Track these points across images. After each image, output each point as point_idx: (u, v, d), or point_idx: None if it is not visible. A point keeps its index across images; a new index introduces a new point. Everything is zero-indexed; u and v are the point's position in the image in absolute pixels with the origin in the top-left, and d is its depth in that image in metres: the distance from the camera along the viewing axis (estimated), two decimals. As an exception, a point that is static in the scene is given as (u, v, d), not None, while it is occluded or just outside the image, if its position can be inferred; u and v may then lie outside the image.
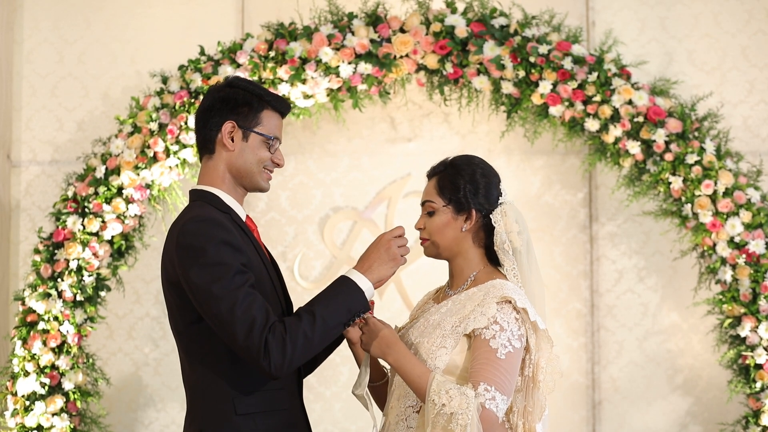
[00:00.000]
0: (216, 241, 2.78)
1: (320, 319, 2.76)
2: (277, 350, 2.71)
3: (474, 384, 2.74)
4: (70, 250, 4.83)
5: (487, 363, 2.76)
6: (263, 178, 2.98)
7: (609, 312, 5.33)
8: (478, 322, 2.81)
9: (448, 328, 2.85)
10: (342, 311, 2.81)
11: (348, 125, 5.32)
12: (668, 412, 5.28)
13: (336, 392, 5.34)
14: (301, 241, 5.40)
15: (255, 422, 2.85)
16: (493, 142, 5.37)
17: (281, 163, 3.00)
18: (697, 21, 5.39)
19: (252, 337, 2.71)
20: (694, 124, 4.89)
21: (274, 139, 2.96)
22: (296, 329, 2.73)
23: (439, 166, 3.04)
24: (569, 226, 5.38)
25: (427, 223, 3.01)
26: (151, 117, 4.92)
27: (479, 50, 4.88)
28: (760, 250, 4.75)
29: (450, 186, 2.98)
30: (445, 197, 2.98)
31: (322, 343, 2.79)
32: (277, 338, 2.71)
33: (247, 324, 2.71)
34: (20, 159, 5.44)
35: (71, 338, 4.84)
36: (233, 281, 2.74)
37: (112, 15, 5.48)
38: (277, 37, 4.98)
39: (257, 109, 2.95)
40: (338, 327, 2.81)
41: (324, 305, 2.79)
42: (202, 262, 2.77)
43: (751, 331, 4.77)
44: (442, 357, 2.82)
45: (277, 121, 2.98)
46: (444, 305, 2.93)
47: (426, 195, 3.02)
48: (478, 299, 2.86)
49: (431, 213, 3.01)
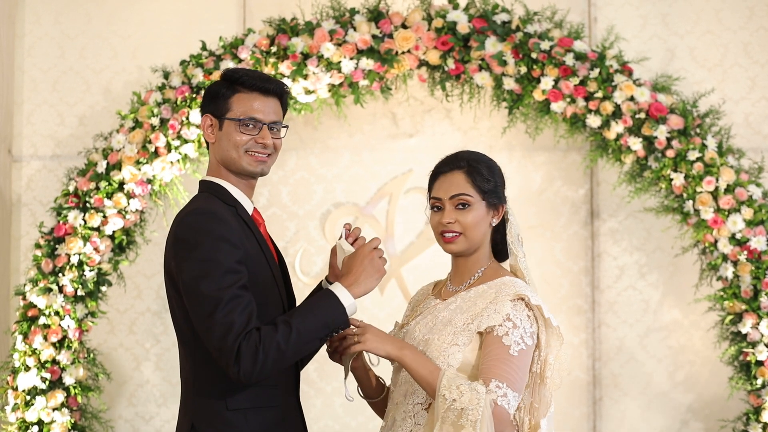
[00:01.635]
0: (212, 236, 2.77)
1: (296, 332, 2.72)
2: (248, 358, 2.69)
3: (486, 380, 2.74)
4: (71, 244, 4.83)
5: (499, 360, 2.77)
6: (248, 162, 2.93)
7: (610, 308, 5.33)
8: (492, 320, 2.81)
9: (460, 325, 2.85)
10: (319, 326, 2.77)
11: (349, 121, 5.32)
12: (669, 409, 5.28)
13: (336, 387, 5.34)
14: (303, 236, 5.40)
15: (246, 418, 2.83)
16: (495, 138, 5.36)
17: (267, 143, 2.93)
18: (699, 17, 5.39)
19: (226, 341, 2.69)
20: (696, 121, 4.89)
21: (249, 121, 2.91)
22: (270, 340, 2.70)
23: (458, 161, 2.98)
24: (570, 222, 5.38)
25: (460, 217, 2.92)
26: (152, 112, 4.92)
27: (481, 46, 4.88)
28: (761, 246, 4.75)
29: (484, 180, 2.94)
30: (480, 191, 2.93)
31: (296, 356, 2.77)
32: (251, 346, 2.69)
33: (225, 327, 2.70)
34: (21, 154, 5.44)
35: (72, 333, 4.84)
36: (222, 280, 2.73)
37: (114, 10, 5.48)
38: (278, 32, 4.98)
39: (226, 95, 2.93)
40: (314, 342, 2.78)
41: (302, 318, 2.76)
42: (195, 256, 2.76)
43: (752, 328, 4.77)
44: (455, 355, 2.82)
45: (252, 102, 2.92)
46: (452, 302, 2.92)
47: (457, 188, 2.93)
48: (489, 297, 2.86)
49: (464, 206, 2.92)
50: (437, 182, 2.98)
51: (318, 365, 5.34)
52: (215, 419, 2.83)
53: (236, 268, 2.76)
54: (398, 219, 5.38)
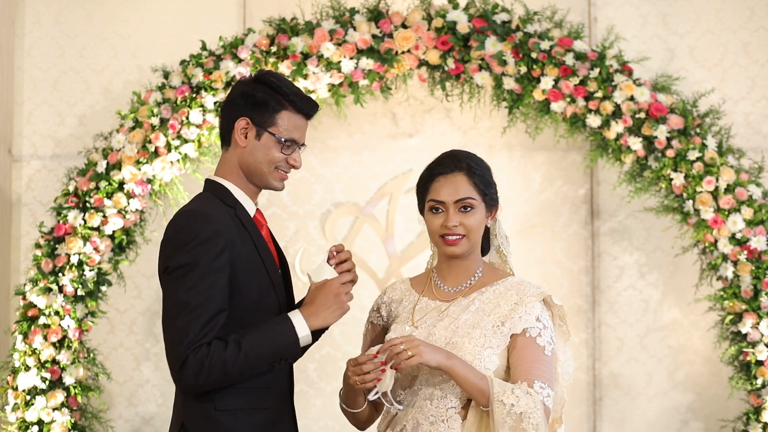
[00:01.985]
0: (197, 239, 2.77)
1: (244, 355, 2.72)
2: (192, 371, 2.71)
3: (529, 381, 2.80)
4: (71, 244, 4.83)
5: (537, 361, 2.82)
6: (275, 178, 2.95)
7: (610, 308, 5.33)
8: (525, 321, 2.85)
9: (489, 328, 2.86)
10: (269, 353, 2.76)
11: (349, 121, 5.32)
12: (669, 409, 5.28)
13: (337, 387, 5.33)
14: (302, 236, 5.40)
15: (236, 418, 2.83)
16: (495, 137, 5.36)
17: (297, 166, 2.96)
18: (699, 17, 5.39)
19: (177, 349, 2.72)
20: (696, 121, 4.89)
21: (290, 142, 2.92)
22: (218, 358, 2.71)
23: (457, 161, 2.97)
24: (570, 222, 5.37)
25: (464, 220, 2.92)
26: (152, 112, 4.92)
27: (481, 46, 4.88)
28: (761, 246, 4.75)
29: (484, 182, 2.96)
30: (482, 192, 2.95)
31: (242, 377, 2.77)
32: (198, 360, 2.71)
33: (180, 334, 2.71)
34: (21, 153, 5.44)
35: (72, 333, 4.84)
36: (194, 285, 2.73)
37: (114, 9, 5.48)
38: (278, 32, 4.98)
39: (275, 109, 2.92)
40: (261, 366, 2.78)
41: (254, 341, 2.75)
42: (176, 258, 2.77)
43: (752, 328, 4.77)
44: (491, 358, 2.84)
45: (296, 123, 2.94)
46: (467, 304, 2.92)
47: (463, 191, 2.93)
48: (512, 298, 2.90)
49: (468, 209, 2.93)
50: (436, 184, 2.96)
51: (318, 365, 5.34)
52: (205, 419, 2.83)
53: (215, 273, 2.75)
54: (398, 219, 5.38)
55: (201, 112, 4.89)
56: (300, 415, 4.71)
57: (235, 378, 2.76)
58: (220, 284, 2.76)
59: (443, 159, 2.99)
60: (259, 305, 2.87)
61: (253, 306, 2.85)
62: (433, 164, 3.01)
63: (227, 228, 2.83)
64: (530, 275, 5.32)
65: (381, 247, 5.39)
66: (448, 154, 3.01)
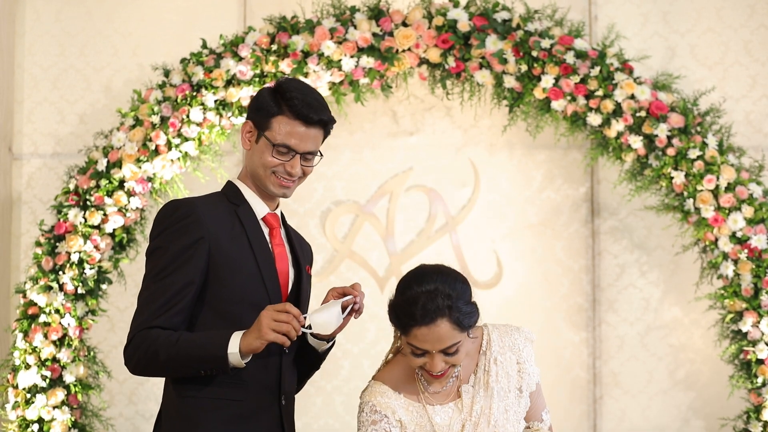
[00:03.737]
0: (175, 226, 2.85)
1: (175, 350, 2.77)
2: (131, 351, 2.82)
3: (537, 417, 3.02)
4: (71, 242, 4.83)
5: (539, 396, 3.02)
6: (272, 183, 2.96)
7: (610, 306, 5.33)
8: (534, 376, 2.98)
9: (514, 401, 2.94)
10: (195, 357, 2.77)
11: (350, 119, 5.32)
12: (669, 407, 5.28)
13: (337, 386, 5.34)
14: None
15: (197, 406, 2.86)
16: (495, 136, 5.36)
17: (293, 173, 2.92)
18: (700, 15, 5.39)
19: (131, 328, 2.82)
20: (697, 119, 4.88)
21: (283, 147, 2.91)
22: (153, 346, 2.78)
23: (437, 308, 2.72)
24: (571, 220, 5.37)
25: (450, 360, 2.79)
26: (152, 110, 4.92)
27: (481, 44, 4.87)
28: (762, 245, 4.75)
29: (465, 314, 2.76)
30: (465, 328, 2.77)
31: (176, 372, 2.82)
32: (138, 342, 2.79)
33: (137, 314, 2.83)
34: (22, 151, 5.44)
35: (72, 331, 4.84)
36: (160, 270, 2.82)
37: (114, 7, 5.47)
38: (279, 30, 4.98)
39: (271, 113, 2.92)
40: (186, 369, 2.81)
41: (190, 342, 2.78)
42: (154, 241, 2.89)
43: (753, 327, 4.77)
44: (521, 422, 2.97)
45: (293, 128, 2.91)
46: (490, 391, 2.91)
47: (447, 340, 2.73)
48: (513, 359, 2.96)
49: (453, 353, 2.77)
50: (417, 333, 2.73)
51: (318, 363, 5.33)
52: (174, 406, 2.91)
53: (181, 261, 2.81)
54: (399, 217, 5.38)
55: (201, 110, 4.89)
56: (300, 413, 4.72)
57: (171, 371, 2.82)
58: (185, 272, 2.81)
59: (423, 304, 2.72)
60: (242, 300, 2.89)
61: (236, 300, 2.88)
62: (409, 309, 2.75)
63: (212, 220, 2.88)
64: (530, 274, 5.35)
65: (381, 245, 5.39)
66: (424, 296, 2.73)
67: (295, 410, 3.11)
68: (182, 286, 2.82)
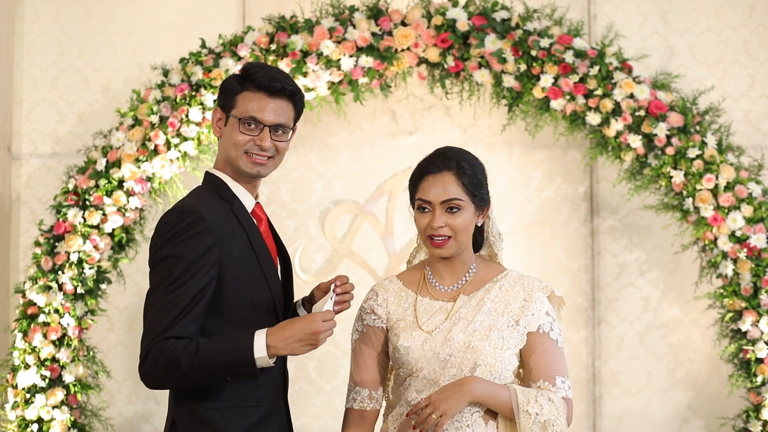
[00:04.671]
0: (186, 234, 2.77)
1: (198, 361, 2.70)
2: (150, 365, 2.73)
3: (551, 379, 2.88)
4: (70, 242, 4.83)
5: (554, 355, 2.91)
6: (244, 163, 2.90)
7: (610, 306, 5.33)
8: (539, 318, 2.92)
9: (505, 328, 2.90)
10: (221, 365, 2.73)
11: (349, 118, 5.32)
12: (669, 407, 5.28)
13: (337, 386, 5.34)
14: (302, 234, 5.40)
15: (222, 416, 2.82)
16: (495, 135, 5.36)
17: (263, 146, 2.88)
18: (699, 14, 5.39)
19: (144, 341, 2.74)
20: (696, 118, 4.88)
21: (249, 121, 2.88)
22: (173, 357, 2.70)
23: (446, 160, 2.95)
24: (570, 219, 5.37)
25: (450, 221, 2.91)
26: (152, 110, 4.91)
27: (480, 44, 4.87)
28: (761, 244, 4.75)
29: (474, 182, 2.94)
30: (470, 193, 2.93)
31: (198, 382, 2.75)
32: (157, 354, 2.71)
33: (150, 327, 2.74)
34: (21, 151, 5.43)
35: (72, 331, 4.84)
36: (174, 280, 2.74)
37: (113, 7, 5.47)
38: (278, 29, 4.98)
39: (235, 91, 2.90)
40: (212, 378, 2.75)
41: (211, 350, 2.72)
42: (163, 251, 2.78)
43: (752, 326, 4.77)
44: (511, 359, 2.91)
45: (258, 101, 2.88)
46: (481, 304, 2.93)
47: (450, 192, 2.91)
48: (520, 294, 2.94)
49: (454, 210, 2.91)
50: (424, 183, 2.95)
51: (318, 363, 5.34)
52: (193, 417, 2.83)
53: (196, 270, 2.74)
54: (398, 216, 5.38)
55: (200, 110, 4.89)
56: (300, 413, 4.73)
57: (192, 381, 2.74)
58: (199, 281, 2.75)
59: (434, 157, 2.97)
60: (251, 301, 2.87)
61: (244, 303, 2.85)
62: (424, 162, 2.99)
63: (218, 225, 2.83)
64: (530, 273, 5.34)
65: (380, 244, 5.39)
66: (439, 152, 2.99)
67: (295, 410, 3.11)
68: (197, 293, 2.75)
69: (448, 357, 2.88)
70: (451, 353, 2.88)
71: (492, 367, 2.87)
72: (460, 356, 2.88)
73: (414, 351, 2.91)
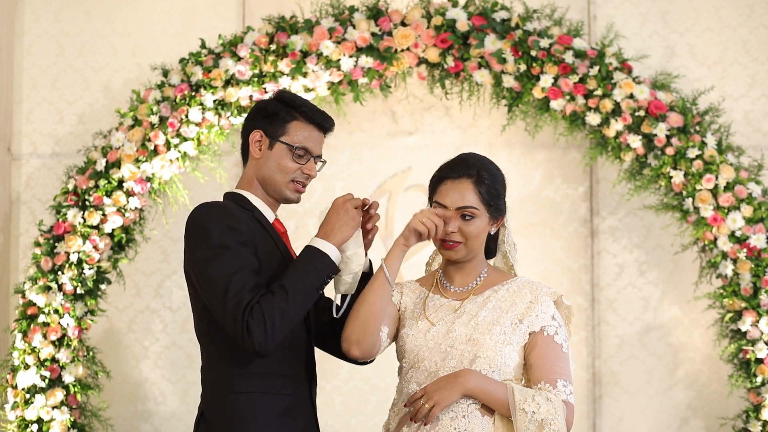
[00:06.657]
0: (220, 225, 2.87)
1: (292, 290, 2.82)
2: (258, 330, 2.78)
3: (551, 381, 2.88)
4: (70, 243, 4.83)
5: (557, 359, 2.91)
6: (290, 189, 3.04)
7: (610, 306, 5.33)
8: (543, 319, 2.93)
9: (508, 325, 2.93)
10: (311, 276, 2.87)
11: (349, 119, 5.32)
12: (669, 407, 5.28)
13: (336, 386, 5.34)
14: (302, 234, 5.40)
15: (253, 401, 2.90)
16: (494, 135, 5.36)
17: (312, 174, 3.04)
18: (699, 15, 5.39)
19: (236, 321, 2.79)
20: (696, 119, 4.89)
21: (302, 150, 3.01)
22: (271, 306, 2.80)
23: (467, 167, 3.00)
24: (570, 220, 5.37)
25: (463, 227, 2.97)
26: (151, 110, 4.92)
27: (480, 44, 4.87)
28: (761, 244, 4.75)
29: (492, 192, 2.99)
30: (486, 203, 2.98)
31: (300, 312, 2.86)
32: (257, 318, 2.79)
33: (233, 308, 2.80)
34: (21, 152, 5.44)
35: (71, 331, 4.84)
36: (230, 265, 2.83)
37: (113, 7, 5.47)
38: (278, 30, 4.98)
39: (285, 119, 3.02)
40: (311, 293, 2.88)
41: (293, 276, 2.85)
42: (203, 244, 2.87)
43: (752, 326, 4.77)
44: (511, 355, 2.92)
45: (308, 133, 3.03)
46: (487, 302, 2.97)
47: (466, 200, 2.96)
48: (527, 296, 2.97)
49: (468, 218, 2.96)
50: (443, 187, 3.00)
51: (317, 363, 5.33)
52: (223, 402, 2.92)
53: (243, 252, 2.85)
54: (398, 217, 5.38)
55: (200, 110, 4.90)
56: (299, 413, 4.72)
57: (295, 315, 2.85)
58: (252, 259, 2.86)
59: (455, 163, 3.02)
60: None
61: None
62: (445, 166, 3.04)
63: (248, 223, 2.94)
64: (530, 273, 5.32)
65: (380, 245, 5.39)
66: (461, 158, 3.04)
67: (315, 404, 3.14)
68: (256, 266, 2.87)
69: (450, 348, 2.92)
70: (452, 345, 2.92)
71: (491, 360, 2.89)
72: (461, 348, 2.91)
73: (416, 339, 2.97)
